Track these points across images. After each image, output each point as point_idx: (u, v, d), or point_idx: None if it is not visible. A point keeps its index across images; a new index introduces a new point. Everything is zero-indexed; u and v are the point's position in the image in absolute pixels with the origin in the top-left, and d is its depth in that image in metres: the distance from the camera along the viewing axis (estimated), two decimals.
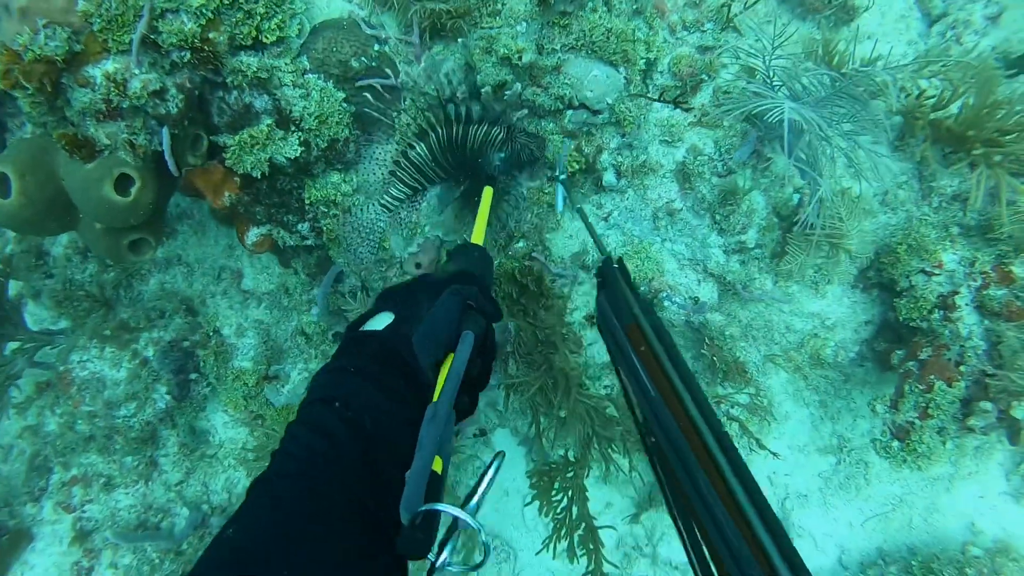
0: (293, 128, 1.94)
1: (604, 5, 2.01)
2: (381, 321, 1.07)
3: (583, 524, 2.40)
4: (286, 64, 1.92)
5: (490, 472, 0.90)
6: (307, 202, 2.09)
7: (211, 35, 1.80)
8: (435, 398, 0.92)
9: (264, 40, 1.87)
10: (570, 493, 2.41)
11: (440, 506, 0.78)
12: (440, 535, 0.82)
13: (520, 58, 1.89)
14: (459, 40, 1.99)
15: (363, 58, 1.96)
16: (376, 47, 1.98)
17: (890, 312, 2.38)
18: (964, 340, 2.11)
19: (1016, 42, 2.31)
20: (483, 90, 1.99)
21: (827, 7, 2.34)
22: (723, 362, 2.41)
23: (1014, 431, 1.94)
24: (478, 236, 1.41)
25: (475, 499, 0.86)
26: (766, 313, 2.49)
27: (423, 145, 2.06)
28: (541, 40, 1.96)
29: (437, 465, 0.84)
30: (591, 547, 2.40)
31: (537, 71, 1.95)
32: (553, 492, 2.43)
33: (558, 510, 2.40)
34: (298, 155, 1.94)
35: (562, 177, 2.07)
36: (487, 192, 1.67)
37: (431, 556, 0.79)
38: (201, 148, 1.99)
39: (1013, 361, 1.95)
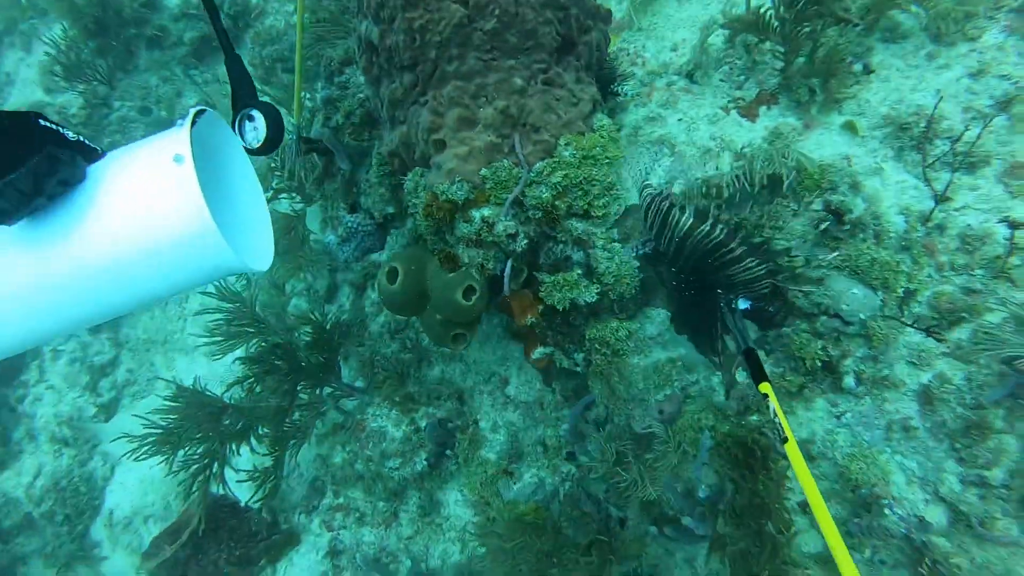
0: (595, 280, 2.53)
1: (874, 237, 2.38)
2: None
3: None
4: (602, 232, 2.54)
5: None
6: (587, 337, 2.65)
7: (557, 203, 2.49)
8: None
9: (593, 213, 2.52)
10: None
11: None
12: None
13: (792, 260, 2.31)
14: None
15: None
16: None
17: None
18: None
19: None
20: None
21: None
22: None
23: None
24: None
25: None
26: (1011, 561, 2.42)
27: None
28: (810, 256, 2.37)
29: None
30: None
31: (802, 279, 2.35)
32: None
33: None
34: (594, 300, 2.51)
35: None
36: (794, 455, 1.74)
37: None
38: (521, 278, 2.67)
39: None
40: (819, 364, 2.47)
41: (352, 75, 3.18)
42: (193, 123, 1.38)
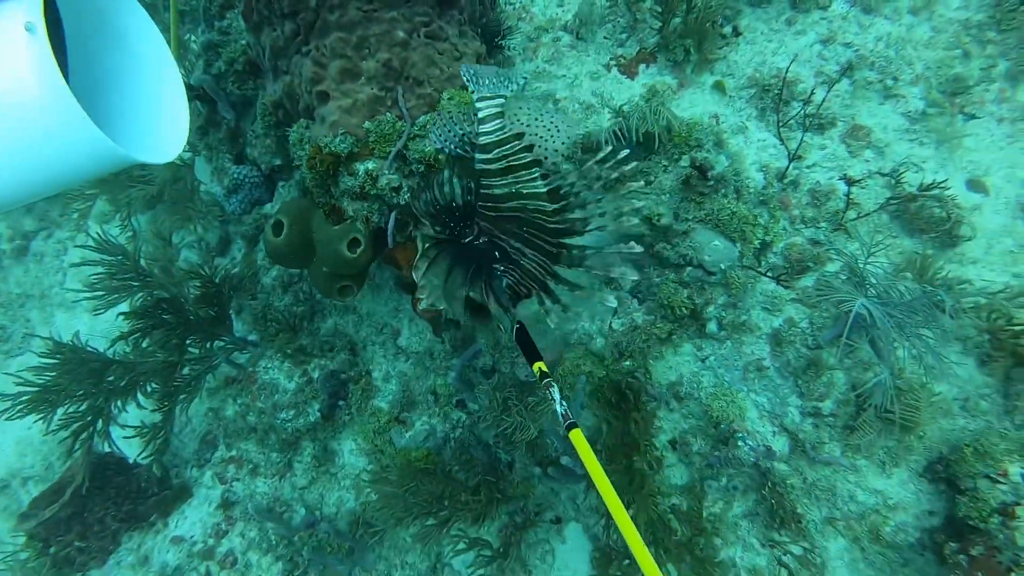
0: None
1: (735, 193, 2.56)
2: None
3: None
4: None
5: None
6: None
7: (440, 156, 2.52)
8: None
9: None
10: None
11: None
12: None
13: (659, 220, 2.47)
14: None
15: None
16: None
17: (953, 508, 2.57)
18: (1019, 549, 2.28)
19: None
20: None
21: (934, 230, 2.73)
22: (782, 509, 2.68)
23: None
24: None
25: None
26: (833, 478, 2.75)
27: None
28: (679, 210, 2.53)
29: None
30: None
31: (670, 232, 2.51)
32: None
33: None
34: None
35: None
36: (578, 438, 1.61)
37: None
38: (407, 231, 2.71)
39: None
40: (685, 312, 2.67)
41: (234, 19, 3.04)
42: None
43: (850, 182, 2.60)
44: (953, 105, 2.74)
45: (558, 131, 1.90)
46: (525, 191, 1.83)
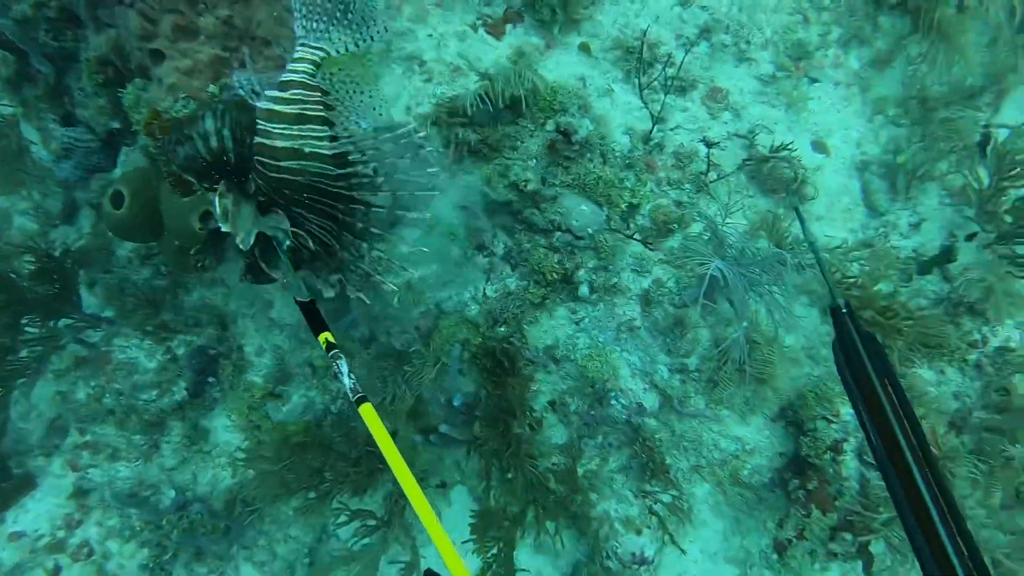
0: None
1: (600, 157, 2.59)
2: None
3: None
4: None
5: None
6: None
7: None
8: None
9: None
10: (502, 544, 2.79)
11: None
12: None
13: (526, 186, 2.45)
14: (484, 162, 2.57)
15: None
16: None
17: (797, 448, 2.80)
18: (844, 480, 2.53)
19: (930, 248, 2.85)
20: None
21: (784, 190, 2.89)
22: (652, 461, 2.82)
23: (868, 562, 2.32)
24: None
25: None
26: (699, 429, 2.92)
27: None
28: (546, 175, 2.53)
29: None
30: None
31: (538, 198, 2.51)
32: (487, 539, 2.80)
33: (488, 555, 2.76)
34: None
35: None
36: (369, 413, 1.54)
37: None
38: None
39: (876, 505, 2.35)
40: (556, 277, 2.70)
41: None
42: None
43: (709, 144, 2.69)
44: (799, 69, 2.89)
45: (366, 112, 1.68)
46: (307, 149, 1.59)
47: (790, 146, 2.70)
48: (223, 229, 1.54)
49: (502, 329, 2.83)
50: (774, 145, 2.74)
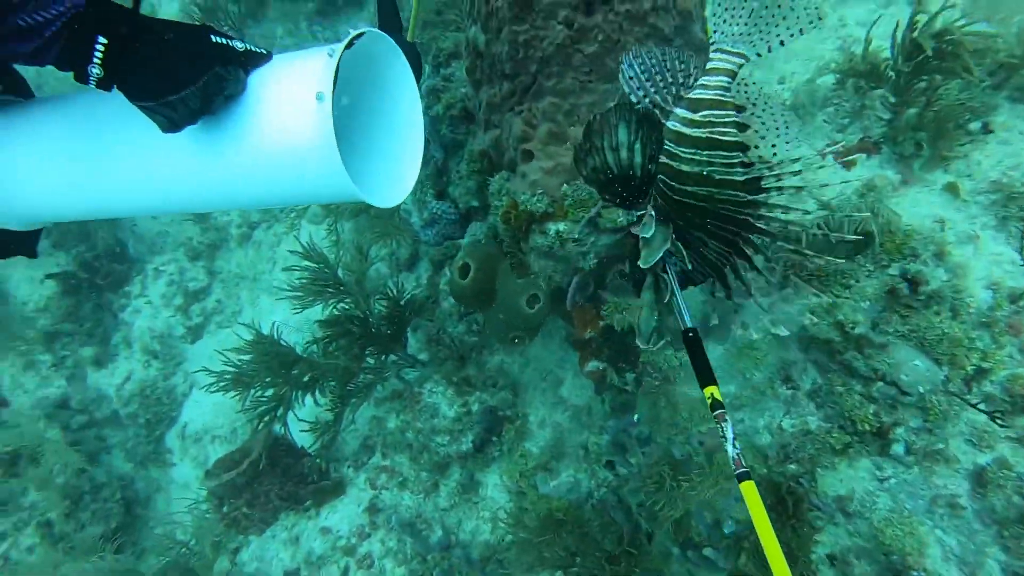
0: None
1: (950, 311, 2.32)
2: None
3: None
4: None
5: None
6: (641, 360, 2.71)
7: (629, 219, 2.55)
8: None
9: None
10: None
11: None
12: None
13: (853, 328, 2.29)
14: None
15: None
16: None
17: None
18: None
19: None
20: None
21: None
22: None
23: None
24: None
25: None
26: None
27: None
28: (878, 320, 2.34)
29: None
30: None
31: (864, 342, 2.32)
32: None
33: None
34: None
35: None
36: None
37: None
38: (587, 293, 2.75)
39: None
40: (868, 428, 2.45)
41: (458, 69, 3.29)
42: (352, 44, 1.41)
43: None
44: None
45: (787, 130, 1.41)
46: (718, 176, 1.40)
47: None
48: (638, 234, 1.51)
49: (792, 467, 2.64)
50: None
